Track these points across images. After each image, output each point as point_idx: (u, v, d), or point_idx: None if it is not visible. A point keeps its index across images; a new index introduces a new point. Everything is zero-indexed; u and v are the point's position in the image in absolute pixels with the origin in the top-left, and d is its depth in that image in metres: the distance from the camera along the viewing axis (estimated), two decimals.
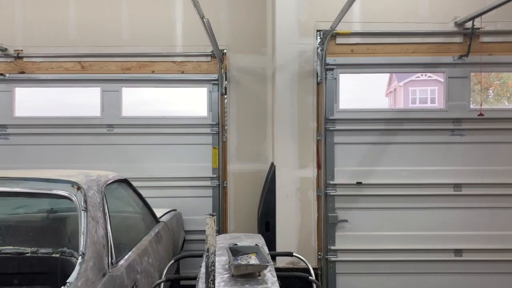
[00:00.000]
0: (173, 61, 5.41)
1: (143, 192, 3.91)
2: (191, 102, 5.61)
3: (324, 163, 4.53)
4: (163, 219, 4.24)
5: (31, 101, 5.55)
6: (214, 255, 1.94)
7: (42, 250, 2.82)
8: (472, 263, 4.50)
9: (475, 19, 4.23)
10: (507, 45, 4.47)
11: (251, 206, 5.35)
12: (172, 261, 3.57)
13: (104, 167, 5.00)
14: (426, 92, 23.48)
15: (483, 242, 4.49)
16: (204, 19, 3.67)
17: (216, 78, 5.39)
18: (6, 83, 5.38)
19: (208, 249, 1.92)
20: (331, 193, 4.52)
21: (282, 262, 4.44)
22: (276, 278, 2.69)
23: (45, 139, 5.37)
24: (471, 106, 4.51)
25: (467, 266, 4.51)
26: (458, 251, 4.50)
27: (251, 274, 2.67)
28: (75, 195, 2.52)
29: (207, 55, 5.38)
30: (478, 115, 4.35)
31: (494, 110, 4.54)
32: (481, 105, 4.43)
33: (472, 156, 4.51)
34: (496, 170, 4.50)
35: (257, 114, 5.47)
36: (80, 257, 2.21)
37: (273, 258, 4.10)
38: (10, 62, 5.39)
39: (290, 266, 4.40)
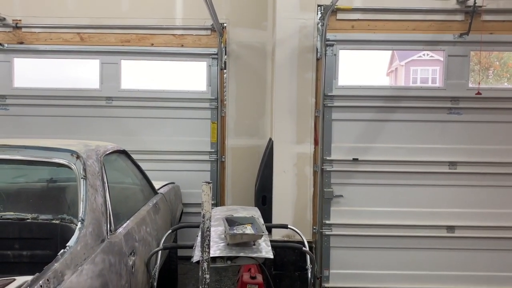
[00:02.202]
0: (173, 34, 5.38)
1: (142, 165, 3.95)
2: (191, 76, 5.61)
3: (322, 139, 4.57)
4: (161, 191, 4.30)
5: (30, 72, 5.54)
6: (210, 221, 2.00)
7: (43, 217, 2.89)
8: (464, 240, 4.59)
9: None
10: (508, 24, 4.45)
11: (248, 180, 5.42)
12: (170, 230, 3.65)
13: (103, 139, 5.01)
14: (427, 72, 23.36)
15: (476, 219, 4.57)
16: None
17: (215, 52, 5.38)
18: (4, 53, 5.37)
19: (203, 215, 1.97)
20: (327, 169, 4.58)
21: (277, 234, 4.53)
22: (270, 248, 2.77)
23: (44, 110, 5.39)
24: (470, 85, 4.52)
25: (459, 243, 4.60)
26: (450, 228, 4.58)
27: (246, 243, 2.75)
28: (74, 164, 2.56)
29: (207, 29, 5.36)
30: (476, 94, 4.36)
31: (492, 89, 4.55)
32: (479, 84, 4.44)
33: (468, 134, 4.54)
34: (492, 149, 4.54)
35: (256, 89, 5.48)
36: (79, 223, 2.27)
37: (269, 230, 4.18)
38: (8, 32, 5.36)
39: (286, 239, 4.50)
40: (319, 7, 4.45)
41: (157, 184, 4.40)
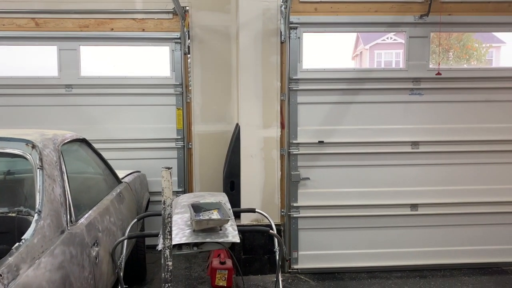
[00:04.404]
0: (133, 18, 5.22)
1: (105, 154, 3.84)
2: (153, 61, 5.48)
3: (288, 122, 4.57)
4: (126, 179, 4.21)
5: None
6: (171, 207, 1.96)
7: None
8: (427, 217, 4.74)
9: None
10: (465, 5, 4.54)
11: (216, 167, 5.38)
12: (135, 220, 3.59)
13: (63, 129, 4.85)
14: (391, 55, 23.80)
15: (438, 197, 4.72)
16: None
17: (178, 37, 5.25)
18: None
19: (164, 201, 1.93)
20: (294, 152, 4.60)
21: (246, 219, 4.54)
22: (237, 232, 2.76)
23: None
24: (430, 66, 4.61)
25: (422, 220, 4.74)
26: (414, 206, 4.72)
27: (213, 229, 2.73)
28: (30, 154, 2.45)
29: (168, 12, 5.22)
30: (436, 74, 4.46)
31: (452, 69, 4.66)
32: (439, 64, 4.53)
33: (429, 114, 4.65)
34: (452, 128, 4.67)
35: (222, 73, 5.41)
36: (36, 214, 2.18)
37: (237, 215, 4.18)
38: None
39: (254, 223, 4.51)
40: None
41: (122, 173, 4.30)
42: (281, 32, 4.47)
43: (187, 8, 5.22)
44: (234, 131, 4.93)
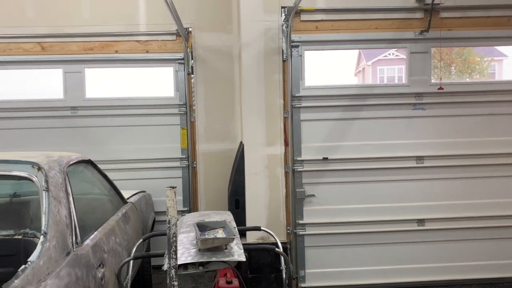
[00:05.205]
0: (137, 41, 5.30)
1: (111, 175, 3.86)
2: (158, 82, 5.54)
3: (291, 139, 4.59)
4: (131, 200, 4.22)
5: None
6: (176, 226, 1.96)
7: (3, 233, 2.77)
8: (434, 232, 4.69)
9: None
10: (465, 20, 4.59)
11: (221, 185, 5.38)
12: (141, 240, 3.58)
13: (69, 151, 4.91)
14: (393, 70, 23.93)
15: (445, 211, 4.68)
16: None
17: (182, 57, 5.33)
18: None
19: (169, 221, 1.93)
20: (298, 169, 4.59)
21: (252, 237, 4.51)
22: (242, 251, 2.74)
23: (5, 123, 5.20)
24: (432, 81, 4.63)
25: (430, 235, 4.69)
26: (420, 221, 4.67)
27: (218, 248, 2.71)
28: (35, 176, 2.47)
29: (172, 34, 5.30)
30: (438, 89, 4.48)
31: (453, 84, 4.70)
32: (440, 79, 4.56)
33: (433, 129, 4.65)
34: (456, 142, 4.66)
35: (225, 92, 5.46)
36: (42, 236, 2.19)
37: (243, 233, 4.16)
38: None
39: (260, 241, 4.48)
40: (282, 9, 4.48)
41: (127, 193, 4.31)
42: (283, 50, 4.52)
43: (190, 29, 5.30)
44: (238, 149, 4.95)
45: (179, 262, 2.43)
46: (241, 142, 4.86)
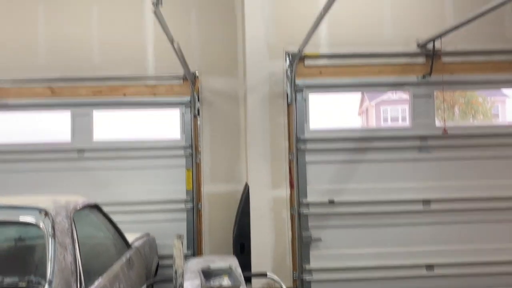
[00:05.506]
0: (145, 85, 5.42)
1: (116, 217, 3.85)
2: (164, 124, 5.61)
3: (297, 182, 4.58)
4: (135, 244, 4.17)
5: None
6: (182, 277, 1.94)
7: (8, 280, 2.73)
8: (444, 278, 4.57)
9: (436, 41, 4.43)
10: (466, 65, 4.68)
11: (226, 228, 5.32)
12: (144, 286, 3.52)
13: (75, 193, 4.93)
14: (397, 111, 24.16)
15: (454, 256, 4.58)
16: (174, 44, 3.72)
17: (188, 100, 5.42)
18: None
19: (176, 271, 1.91)
20: (304, 212, 4.56)
21: (258, 282, 4.41)
22: None
23: (12, 166, 5.24)
24: (436, 124, 4.67)
25: (439, 282, 4.57)
26: (429, 266, 4.57)
27: None
28: (42, 222, 2.47)
29: (179, 78, 5.42)
30: (443, 133, 4.51)
31: (458, 127, 4.73)
32: (444, 123, 4.59)
33: (439, 172, 4.64)
34: (463, 185, 4.63)
35: (230, 135, 5.51)
36: (47, 284, 2.16)
37: (248, 279, 4.07)
38: None
39: (266, 287, 4.38)
40: (287, 55, 4.60)
41: (131, 236, 4.27)
42: (287, 94, 4.61)
43: (197, 73, 5.43)
44: (243, 191, 4.93)
45: None
46: (246, 184, 4.86)
